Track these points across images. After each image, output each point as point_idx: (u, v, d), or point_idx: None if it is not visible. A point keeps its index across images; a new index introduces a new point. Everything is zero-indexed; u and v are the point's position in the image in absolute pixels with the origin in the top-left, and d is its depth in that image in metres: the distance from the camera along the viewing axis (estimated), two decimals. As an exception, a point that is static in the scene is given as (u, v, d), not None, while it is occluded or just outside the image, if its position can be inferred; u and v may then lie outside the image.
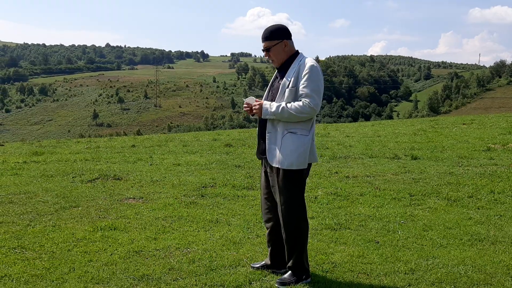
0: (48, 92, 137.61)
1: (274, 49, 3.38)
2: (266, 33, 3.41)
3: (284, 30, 3.42)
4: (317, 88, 3.25)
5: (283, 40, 3.38)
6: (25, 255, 3.94)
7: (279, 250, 3.59)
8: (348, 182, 6.90)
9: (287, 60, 3.41)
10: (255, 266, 3.68)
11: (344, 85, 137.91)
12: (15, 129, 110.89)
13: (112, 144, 12.14)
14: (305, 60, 3.33)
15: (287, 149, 3.27)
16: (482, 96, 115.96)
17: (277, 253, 3.61)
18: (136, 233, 4.56)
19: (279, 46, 3.37)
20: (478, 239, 4.40)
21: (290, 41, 3.42)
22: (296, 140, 3.28)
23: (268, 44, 3.39)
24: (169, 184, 6.80)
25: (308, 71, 3.25)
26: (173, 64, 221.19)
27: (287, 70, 3.37)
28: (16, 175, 7.44)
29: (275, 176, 3.38)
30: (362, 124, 19.38)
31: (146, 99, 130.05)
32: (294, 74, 3.30)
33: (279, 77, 3.45)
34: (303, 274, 3.45)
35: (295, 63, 3.36)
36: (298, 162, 3.28)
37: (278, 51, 3.38)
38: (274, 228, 3.57)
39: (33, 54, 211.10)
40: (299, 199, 3.38)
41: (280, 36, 3.37)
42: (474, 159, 8.75)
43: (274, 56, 3.40)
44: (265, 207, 3.60)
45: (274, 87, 3.45)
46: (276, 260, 3.63)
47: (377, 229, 4.70)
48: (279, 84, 3.39)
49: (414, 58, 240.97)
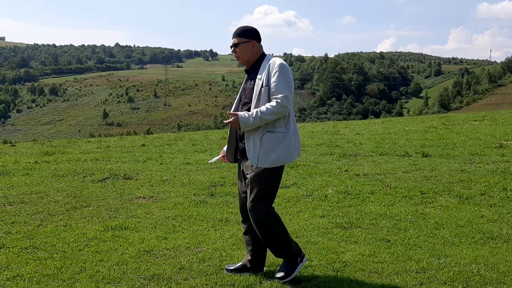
0: (59, 92, 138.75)
1: (242, 46, 3.48)
2: (237, 30, 3.52)
3: (255, 32, 3.53)
4: (287, 85, 3.32)
5: (252, 40, 3.48)
6: (36, 255, 3.96)
7: (257, 250, 3.58)
8: (358, 180, 6.86)
9: (256, 62, 3.51)
10: (230, 268, 3.60)
11: (354, 82, 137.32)
12: (26, 129, 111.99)
13: (122, 143, 12.19)
14: (274, 60, 3.43)
15: (268, 148, 3.33)
16: (494, 92, 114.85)
17: (256, 254, 3.58)
18: (146, 232, 4.57)
19: (247, 45, 3.47)
20: (491, 237, 4.35)
21: (259, 43, 3.53)
22: (276, 138, 3.34)
23: (237, 41, 3.49)
24: (179, 183, 6.82)
25: (278, 69, 3.34)
26: (182, 63, 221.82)
27: (257, 71, 3.46)
28: (28, 175, 7.50)
29: (254, 173, 3.37)
30: (372, 122, 19.29)
31: (155, 98, 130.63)
32: (265, 73, 3.39)
33: (249, 79, 3.54)
34: (297, 257, 3.47)
35: (264, 63, 3.47)
36: (280, 160, 3.35)
37: (245, 50, 3.48)
38: (251, 228, 3.56)
39: (43, 55, 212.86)
40: (272, 193, 3.42)
41: (250, 36, 3.48)
42: (486, 156, 8.66)
43: (240, 53, 3.49)
44: (243, 207, 3.59)
45: (247, 89, 3.52)
46: (254, 261, 3.59)
47: (388, 228, 4.67)
48: (252, 85, 3.47)
49: (424, 54, 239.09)
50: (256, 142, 3.34)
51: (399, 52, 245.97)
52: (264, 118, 3.26)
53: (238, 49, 3.48)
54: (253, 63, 3.52)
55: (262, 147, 3.32)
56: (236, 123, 3.32)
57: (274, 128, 3.35)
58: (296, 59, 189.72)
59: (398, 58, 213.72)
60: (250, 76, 3.54)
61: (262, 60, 3.50)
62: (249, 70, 3.55)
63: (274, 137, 3.34)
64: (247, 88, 3.53)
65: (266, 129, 3.34)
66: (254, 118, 3.28)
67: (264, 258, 3.62)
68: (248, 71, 3.56)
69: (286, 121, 3.39)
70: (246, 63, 3.53)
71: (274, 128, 3.35)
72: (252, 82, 3.48)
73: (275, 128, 3.35)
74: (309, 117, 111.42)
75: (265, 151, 3.32)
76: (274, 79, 3.33)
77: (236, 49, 3.49)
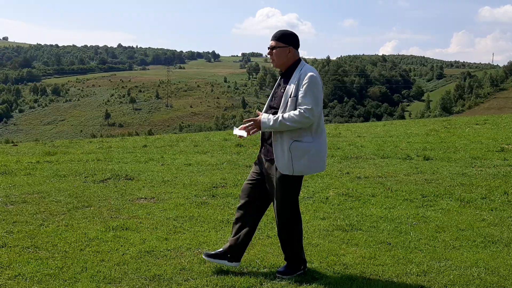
0: (61, 92, 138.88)
1: (278, 50, 3.52)
2: (277, 33, 3.56)
3: (295, 38, 3.56)
4: (314, 97, 3.38)
5: (289, 46, 3.52)
6: (38, 255, 3.98)
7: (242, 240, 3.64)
8: (359, 182, 6.86)
9: (290, 67, 3.55)
10: (209, 254, 3.67)
11: (356, 84, 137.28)
12: (29, 129, 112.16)
13: (124, 144, 12.21)
14: (306, 70, 3.48)
15: (295, 157, 3.42)
16: (496, 96, 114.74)
17: (238, 243, 3.64)
18: (147, 233, 4.58)
19: (283, 50, 3.52)
20: (492, 241, 4.35)
21: (296, 50, 3.57)
22: (303, 147, 3.43)
23: (275, 44, 3.53)
24: (180, 184, 6.83)
25: (308, 81, 3.39)
26: (184, 64, 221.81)
27: (290, 78, 3.51)
28: (30, 175, 7.52)
29: (275, 180, 3.51)
30: (373, 124, 19.28)
31: (157, 99, 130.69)
32: (295, 83, 3.44)
33: (281, 84, 3.59)
34: (301, 265, 3.62)
35: (296, 71, 3.51)
36: (305, 169, 3.47)
37: (280, 54, 3.52)
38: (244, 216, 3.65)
39: (46, 55, 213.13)
40: (295, 200, 3.58)
41: (288, 42, 3.52)
42: (487, 159, 8.65)
43: (275, 57, 3.54)
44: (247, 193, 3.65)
45: (277, 95, 3.58)
46: (234, 250, 3.65)
47: (389, 231, 4.67)
48: (281, 92, 3.53)
49: (426, 58, 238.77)
50: (284, 149, 3.44)
51: (401, 55, 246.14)
52: (284, 123, 3.36)
53: (274, 52, 3.53)
54: (287, 68, 3.57)
55: (290, 155, 3.42)
56: (258, 123, 3.45)
57: (301, 137, 3.44)
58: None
59: (400, 61, 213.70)
60: (283, 80, 3.59)
61: (297, 66, 3.54)
62: (283, 73, 3.60)
63: (302, 147, 3.43)
64: (277, 93, 3.59)
65: (293, 138, 3.43)
66: (274, 121, 3.39)
67: (243, 250, 3.70)
68: (283, 75, 3.61)
69: (313, 132, 3.46)
70: (279, 66, 3.59)
71: (301, 137, 3.44)
72: (282, 89, 3.54)
73: (301, 138, 3.44)
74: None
75: (292, 159, 3.42)
76: (302, 90, 3.40)
77: (272, 52, 3.53)
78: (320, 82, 3.47)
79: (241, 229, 3.66)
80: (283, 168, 3.44)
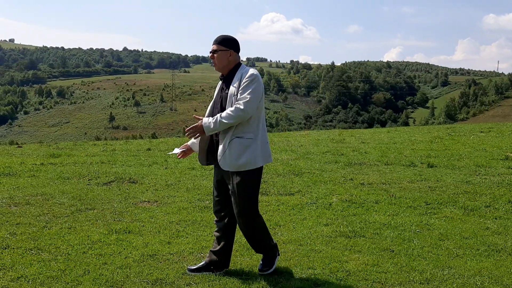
0: (66, 94, 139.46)
1: (220, 54, 3.64)
2: (219, 38, 3.69)
3: (234, 42, 3.70)
4: (253, 91, 3.51)
5: (230, 49, 3.65)
6: (41, 257, 3.98)
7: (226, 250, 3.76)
8: (363, 189, 6.85)
9: (232, 70, 3.69)
10: (191, 268, 3.72)
11: (360, 90, 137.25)
12: (33, 131, 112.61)
13: (128, 147, 12.24)
14: (247, 69, 3.64)
15: (235, 153, 3.54)
16: (501, 104, 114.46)
17: (222, 253, 3.75)
18: (150, 236, 4.59)
19: (224, 53, 3.64)
20: (495, 249, 4.33)
21: (237, 54, 3.70)
22: (243, 143, 3.55)
23: (216, 48, 3.65)
24: (183, 188, 6.83)
25: (248, 78, 3.55)
26: (189, 68, 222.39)
27: (232, 79, 3.65)
28: (34, 177, 7.55)
29: (231, 180, 3.61)
30: (377, 131, 19.25)
31: (162, 102, 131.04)
32: (237, 82, 3.60)
33: (225, 87, 3.71)
34: (275, 252, 3.77)
35: (237, 73, 3.65)
36: (246, 164, 3.55)
37: (222, 57, 3.65)
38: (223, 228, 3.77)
39: (52, 57, 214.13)
40: (254, 198, 3.64)
41: (228, 45, 3.66)
42: (491, 168, 8.62)
43: (217, 60, 3.66)
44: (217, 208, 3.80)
45: (222, 97, 3.68)
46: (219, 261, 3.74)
47: (392, 238, 4.65)
48: (226, 94, 3.66)
49: (431, 65, 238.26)
50: (225, 146, 3.56)
51: (406, 61, 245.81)
52: (224, 122, 3.48)
53: (216, 56, 3.65)
54: (228, 71, 3.69)
55: (230, 151, 3.54)
56: (201, 128, 3.55)
57: (243, 134, 3.56)
58: (303, 66, 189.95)
59: (405, 67, 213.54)
60: (226, 83, 3.72)
61: (237, 69, 3.68)
62: (224, 77, 3.72)
63: (242, 143, 3.55)
64: (222, 96, 3.70)
65: (235, 135, 3.56)
66: (214, 122, 3.51)
67: (229, 259, 3.80)
68: (224, 79, 3.74)
69: (255, 128, 3.60)
70: (221, 70, 3.70)
71: (243, 134, 3.56)
72: (226, 90, 3.66)
73: (244, 134, 3.56)
74: (314, 125, 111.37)
75: (233, 155, 3.53)
76: (242, 87, 3.55)
77: (214, 55, 3.65)
78: (261, 80, 3.61)
79: (221, 240, 3.77)
80: (225, 165, 3.56)
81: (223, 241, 3.77)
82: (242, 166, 3.54)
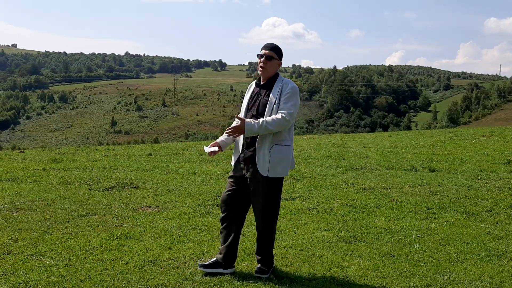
0: (68, 99, 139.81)
1: (273, 62, 3.78)
2: (274, 45, 3.82)
3: (282, 53, 3.85)
4: (295, 104, 3.70)
5: (280, 60, 3.82)
6: (42, 262, 3.99)
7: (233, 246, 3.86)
8: (364, 194, 6.85)
9: (272, 78, 3.80)
10: (204, 264, 3.83)
11: (362, 94, 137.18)
12: (36, 136, 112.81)
13: (130, 152, 12.26)
14: (287, 82, 3.78)
15: (276, 160, 3.68)
16: (503, 108, 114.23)
17: (230, 249, 3.85)
18: (151, 242, 4.59)
19: (276, 62, 3.79)
20: (496, 254, 4.33)
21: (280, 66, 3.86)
22: (283, 151, 3.71)
23: (272, 54, 3.77)
24: (184, 193, 6.84)
25: (290, 90, 3.70)
26: (191, 72, 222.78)
27: (271, 88, 3.76)
28: (35, 182, 7.57)
29: (260, 183, 3.71)
30: (379, 135, 19.24)
31: (164, 107, 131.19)
32: (278, 92, 3.72)
33: (263, 93, 3.79)
34: (273, 261, 3.87)
35: (278, 82, 3.77)
36: (285, 170, 3.74)
37: (274, 65, 3.78)
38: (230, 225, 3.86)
39: (54, 62, 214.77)
40: (278, 202, 3.83)
41: (280, 56, 3.82)
42: (493, 172, 8.61)
43: (269, 66, 3.76)
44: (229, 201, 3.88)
45: (260, 103, 3.76)
46: (228, 257, 3.84)
47: (393, 243, 4.65)
48: (265, 100, 3.75)
49: (433, 68, 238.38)
50: (265, 153, 3.67)
51: (408, 65, 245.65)
52: (268, 128, 3.59)
53: (270, 62, 3.75)
54: (269, 79, 3.81)
55: (271, 158, 3.66)
56: (242, 128, 3.60)
57: (281, 141, 3.71)
58: (305, 70, 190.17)
59: (407, 71, 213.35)
60: (264, 90, 3.79)
61: (277, 77, 3.80)
62: (264, 85, 3.82)
63: (281, 150, 3.70)
64: (259, 102, 3.77)
65: (274, 142, 3.68)
66: (259, 126, 3.59)
67: (235, 256, 3.88)
68: (263, 86, 3.82)
69: (291, 136, 3.78)
70: (268, 76, 3.80)
71: (281, 141, 3.70)
72: (266, 97, 3.75)
73: (282, 142, 3.71)
74: (316, 129, 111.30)
75: (274, 162, 3.67)
76: (285, 97, 3.68)
77: (268, 61, 3.75)
78: (299, 94, 3.80)
79: (228, 237, 3.87)
80: (265, 171, 3.67)
81: (229, 240, 3.86)
82: (280, 172, 3.70)
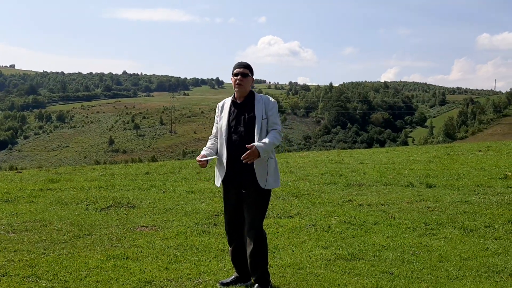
0: (66, 119, 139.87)
1: (248, 78, 3.93)
2: (246, 63, 3.97)
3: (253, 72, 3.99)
4: (279, 119, 3.97)
5: (252, 77, 3.97)
6: (38, 284, 3.96)
7: (244, 263, 3.98)
8: (362, 210, 6.83)
9: (249, 94, 3.95)
10: (225, 282, 3.95)
11: (358, 111, 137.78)
12: (33, 155, 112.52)
13: (127, 171, 12.23)
14: (265, 96, 3.97)
15: (272, 171, 3.86)
16: (499, 122, 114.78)
17: (244, 266, 3.99)
18: (148, 262, 4.56)
19: (250, 78, 3.96)
20: (495, 271, 4.31)
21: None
22: (273, 163, 3.91)
23: (247, 72, 3.91)
24: (181, 212, 6.82)
25: (274, 105, 3.92)
26: (188, 91, 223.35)
27: (253, 104, 3.90)
28: (32, 203, 7.53)
29: (256, 195, 3.82)
30: (376, 151, 19.26)
31: (161, 125, 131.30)
32: (262, 108, 3.88)
33: (245, 110, 3.90)
34: (269, 282, 3.88)
35: (257, 98, 3.93)
36: (277, 182, 3.93)
37: (249, 82, 3.94)
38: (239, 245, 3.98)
39: (52, 82, 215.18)
40: (266, 211, 3.96)
41: (252, 73, 3.97)
42: (490, 187, 8.61)
43: (245, 83, 3.90)
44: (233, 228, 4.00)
45: (246, 119, 3.86)
46: (244, 272, 4.00)
47: (391, 260, 4.63)
48: (251, 117, 3.87)
49: (428, 84, 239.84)
50: (264, 166, 3.82)
51: (403, 81, 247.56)
52: (275, 144, 3.81)
53: (246, 79, 3.90)
54: (245, 96, 3.95)
55: (269, 170, 3.84)
56: (256, 152, 3.69)
57: (272, 154, 3.92)
58: (301, 87, 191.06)
59: (403, 87, 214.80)
60: (245, 108, 3.90)
61: (253, 94, 3.97)
62: (241, 103, 3.93)
63: (273, 162, 3.90)
64: (245, 118, 3.88)
65: (269, 156, 3.84)
66: (268, 145, 3.75)
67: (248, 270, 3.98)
68: (241, 104, 3.93)
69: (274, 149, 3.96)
70: (243, 93, 3.93)
71: (272, 154, 3.91)
72: (250, 114, 3.87)
73: (272, 155, 3.92)
74: (314, 145, 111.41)
75: (271, 174, 3.85)
76: (271, 113, 3.89)
77: (245, 79, 3.88)
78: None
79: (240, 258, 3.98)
80: (263, 182, 3.80)
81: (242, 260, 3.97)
82: (275, 184, 3.89)
